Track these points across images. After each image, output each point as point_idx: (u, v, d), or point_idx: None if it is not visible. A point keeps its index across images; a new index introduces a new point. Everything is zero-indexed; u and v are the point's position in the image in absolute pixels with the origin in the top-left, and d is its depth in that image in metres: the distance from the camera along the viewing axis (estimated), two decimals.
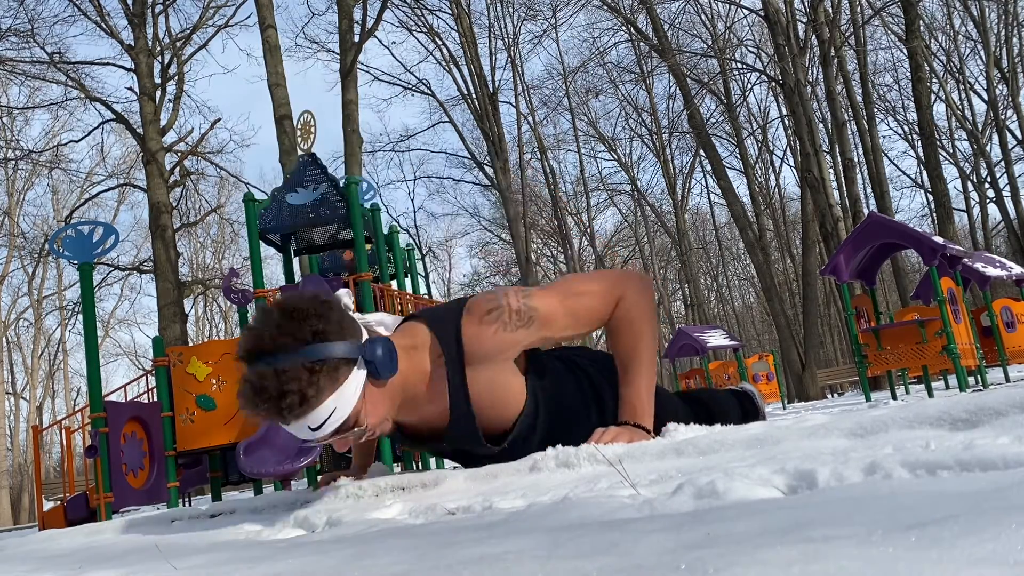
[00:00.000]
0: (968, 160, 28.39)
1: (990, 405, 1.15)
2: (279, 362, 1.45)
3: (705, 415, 2.24)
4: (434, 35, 25.38)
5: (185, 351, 6.67)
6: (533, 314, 1.72)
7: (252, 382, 1.46)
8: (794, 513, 0.75)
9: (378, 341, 1.55)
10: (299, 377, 1.44)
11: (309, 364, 1.46)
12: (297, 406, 1.45)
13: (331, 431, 1.53)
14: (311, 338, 1.47)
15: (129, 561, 1.27)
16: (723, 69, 23.70)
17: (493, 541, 0.86)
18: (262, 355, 1.47)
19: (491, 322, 1.69)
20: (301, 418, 1.48)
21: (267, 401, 1.45)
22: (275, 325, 1.48)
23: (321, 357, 1.47)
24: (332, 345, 1.49)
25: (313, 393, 1.46)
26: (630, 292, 1.80)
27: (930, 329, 6.70)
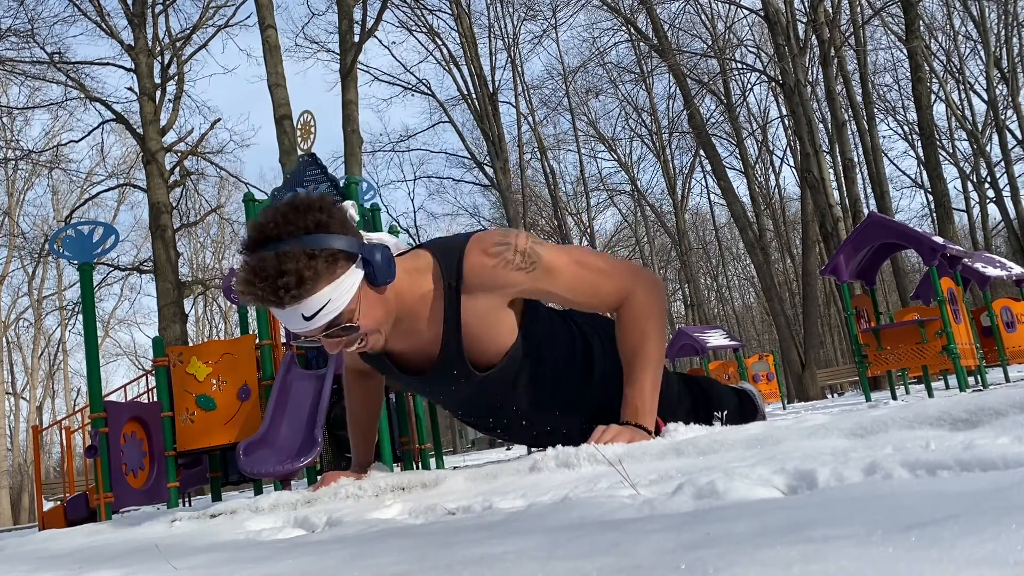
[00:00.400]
0: (968, 160, 28.40)
1: (990, 405, 1.15)
2: (280, 247, 1.47)
3: (702, 398, 2.24)
4: (434, 35, 25.38)
5: (185, 351, 6.67)
6: (537, 261, 1.70)
7: (252, 265, 1.48)
8: (794, 513, 0.75)
9: (378, 246, 1.57)
10: (297, 260, 1.46)
11: (309, 250, 1.48)
12: (293, 287, 1.47)
13: (324, 323, 1.53)
14: (313, 227, 1.50)
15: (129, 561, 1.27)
16: (723, 69, 23.70)
17: (493, 541, 0.86)
18: (265, 242, 1.50)
19: (494, 255, 1.68)
20: (296, 302, 1.49)
21: (264, 281, 1.47)
22: (280, 214, 1.51)
23: (321, 246, 1.49)
24: (332, 237, 1.51)
25: (310, 275, 1.47)
26: (641, 290, 1.79)
27: (930, 329, 6.70)
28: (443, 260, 1.70)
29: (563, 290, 1.74)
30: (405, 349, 1.79)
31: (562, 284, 1.74)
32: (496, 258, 1.68)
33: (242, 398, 6.48)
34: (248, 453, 5.60)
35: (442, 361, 1.76)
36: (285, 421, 6.03)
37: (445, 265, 1.70)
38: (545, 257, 1.71)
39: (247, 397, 6.46)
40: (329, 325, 1.55)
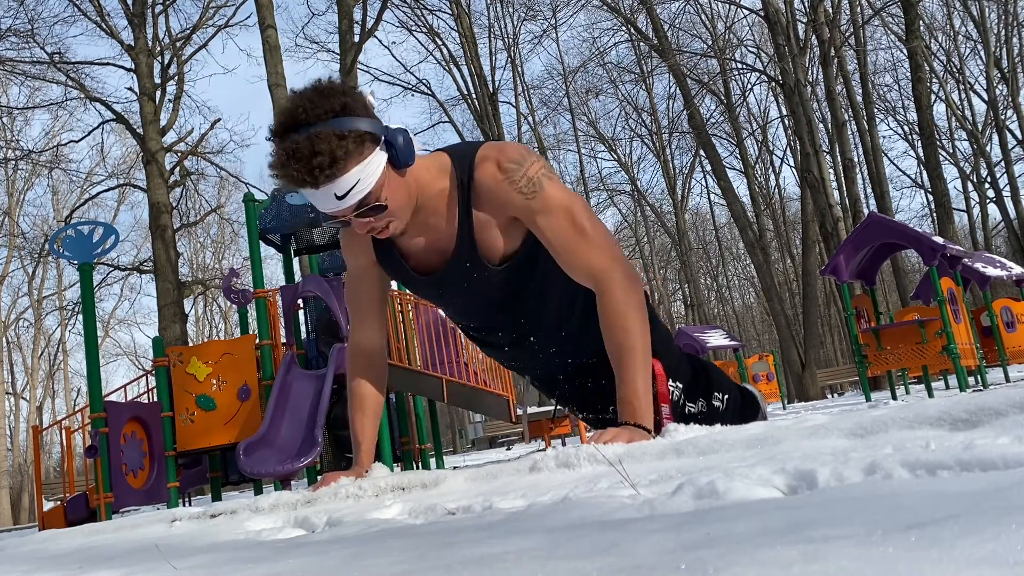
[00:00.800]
0: (968, 160, 28.40)
1: (990, 405, 1.15)
2: (311, 129, 1.56)
3: (703, 373, 2.25)
4: (434, 35, 25.39)
5: (185, 351, 6.67)
6: (537, 192, 1.75)
7: (286, 148, 1.58)
8: (794, 513, 0.75)
9: (399, 130, 1.66)
10: (329, 140, 1.55)
11: (338, 132, 1.57)
12: (327, 167, 1.56)
13: (355, 202, 1.62)
14: (339, 110, 1.59)
15: (129, 561, 1.27)
16: (723, 69, 23.71)
17: (493, 541, 0.86)
18: (296, 126, 1.58)
19: (504, 171, 1.75)
20: (329, 181, 1.58)
21: (299, 162, 1.56)
22: (307, 99, 1.59)
23: (349, 127, 1.58)
24: (358, 119, 1.60)
25: (342, 155, 1.57)
26: (618, 279, 1.78)
27: (930, 329, 6.70)
28: (458, 162, 1.78)
29: (546, 231, 1.77)
30: (420, 245, 1.86)
31: (547, 225, 1.77)
32: (505, 174, 1.75)
33: (242, 398, 6.48)
34: (248, 453, 5.60)
35: (456, 255, 1.83)
36: (285, 421, 6.04)
37: (460, 167, 1.78)
38: (546, 192, 1.75)
39: (247, 397, 6.47)
40: (359, 204, 1.64)
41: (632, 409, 1.75)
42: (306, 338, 7.01)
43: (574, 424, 8.97)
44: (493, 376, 7.33)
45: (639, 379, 1.76)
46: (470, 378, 7.01)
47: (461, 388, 6.86)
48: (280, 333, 6.93)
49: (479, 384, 7.04)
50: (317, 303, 7.00)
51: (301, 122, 1.58)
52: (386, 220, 1.70)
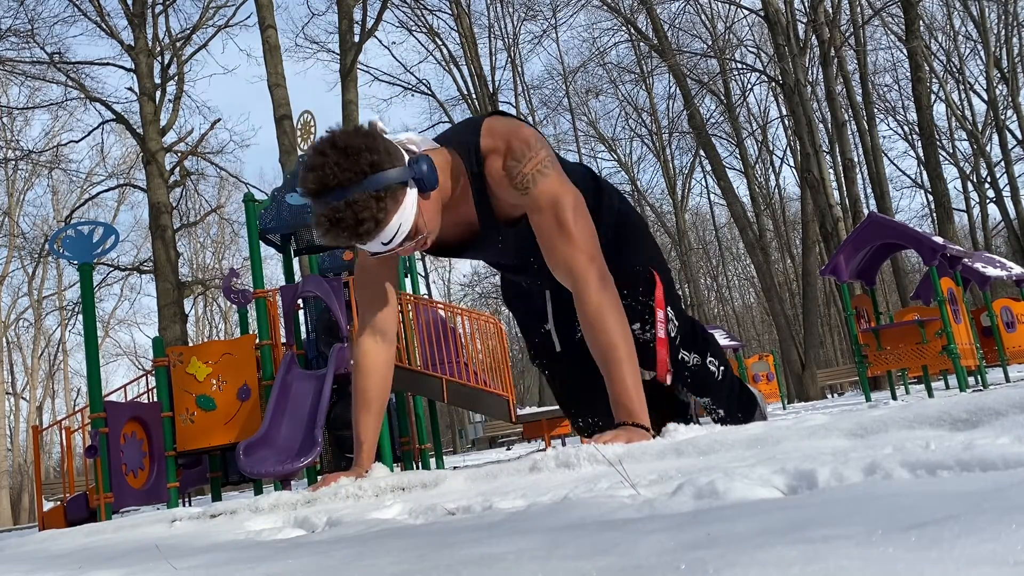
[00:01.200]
0: (968, 160, 28.39)
1: (990, 405, 1.15)
2: (348, 194, 1.67)
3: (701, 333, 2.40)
4: (434, 35, 25.39)
5: (185, 351, 6.67)
6: (530, 188, 1.86)
7: (328, 216, 1.69)
8: (794, 513, 0.75)
9: (421, 159, 1.77)
10: (369, 206, 1.68)
11: (374, 193, 1.68)
12: (373, 229, 1.71)
13: (399, 243, 1.78)
14: (369, 170, 1.69)
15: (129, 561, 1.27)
16: (723, 69, 23.71)
17: (493, 541, 0.86)
18: (331, 191, 1.68)
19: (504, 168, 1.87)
20: (375, 238, 1.73)
21: (346, 230, 1.69)
22: (335, 163, 1.68)
23: (383, 185, 1.69)
24: (388, 173, 1.71)
25: (383, 216, 1.70)
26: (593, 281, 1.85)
27: (930, 329, 6.70)
28: (465, 156, 1.90)
29: (534, 225, 1.90)
30: (450, 231, 2.00)
31: (535, 221, 1.89)
32: (506, 170, 1.87)
33: (242, 398, 6.48)
34: (248, 453, 5.60)
35: (483, 229, 2.00)
36: (285, 421, 6.04)
37: (467, 160, 1.90)
38: (537, 190, 1.86)
39: (247, 397, 6.46)
40: (403, 242, 1.79)
41: (627, 409, 1.78)
42: (306, 338, 7.01)
43: None
44: (493, 376, 7.33)
45: (627, 377, 1.80)
46: (470, 378, 7.01)
47: (461, 388, 6.86)
48: (280, 333, 6.93)
49: (479, 384, 7.04)
50: (317, 303, 7.00)
51: (334, 187, 1.67)
52: (424, 240, 1.84)
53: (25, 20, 19.00)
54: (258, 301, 6.60)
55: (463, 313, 7.60)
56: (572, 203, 1.87)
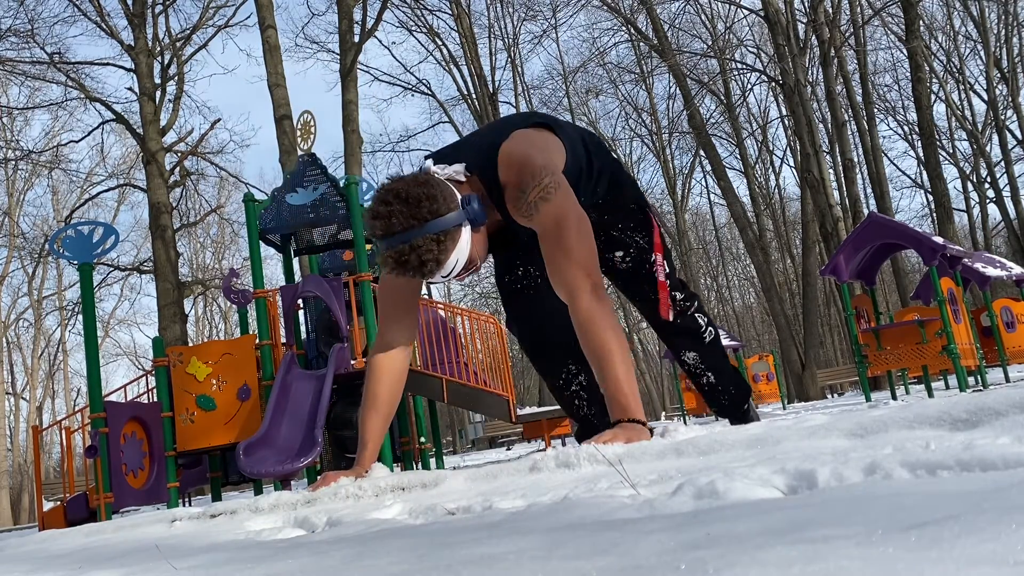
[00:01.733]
0: (968, 160, 28.39)
1: (990, 405, 1.15)
2: (410, 238, 1.89)
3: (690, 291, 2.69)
4: (434, 35, 25.39)
5: (185, 351, 6.67)
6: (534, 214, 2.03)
7: (395, 258, 1.91)
8: (794, 513, 0.75)
9: (472, 199, 1.99)
10: (431, 249, 1.90)
11: (434, 236, 1.90)
12: (436, 269, 1.93)
13: (456, 274, 2.01)
14: (430, 216, 1.90)
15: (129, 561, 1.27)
16: (723, 69, 23.70)
17: (493, 541, 0.86)
18: (396, 235, 1.90)
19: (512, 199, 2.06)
20: (436, 274, 1.95)
21: (412, 270, 1.92)
22: (399, 211, 1.89)
23: (442, 229, 1.91)
24: (446, 218, 1.92)
25: (444, 257, 1.93)
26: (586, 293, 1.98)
27: (930, 329, 6.70)
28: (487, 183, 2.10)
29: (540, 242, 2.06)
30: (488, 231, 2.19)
31: (540, 239, 2.06)
32: (514, 201, 2.05)
33: (242, 398, 6.48)
34: (248, 453, 5.60)
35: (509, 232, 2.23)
36: (285, 421, 6.03)
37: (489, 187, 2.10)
38: (540, 215, 2.02)
39: (247, 397, 6.46)
40: (459, 273, 2.01)
41: (622, 407, 1.89)
42: (306, 338, 7.01)
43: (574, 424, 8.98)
44: (493, 376, 7.33)
45: (622, 377, 1.91)
46: (470, 378, 7.01)
47: (461, 388, 6.87)
48: (280, 333, 6.93)
49: (479, 384, 7.04)
50: (317, 303, 7.00)
51: (399, 231, 1.89)
52: (476, 267, 2.07)
53: (25, 20, 19.00)
54: (258, 301, 6.61)
55: (463, 313, 7.60)
56: (573, 224, 2.01)
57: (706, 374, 2.71)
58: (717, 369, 2.72)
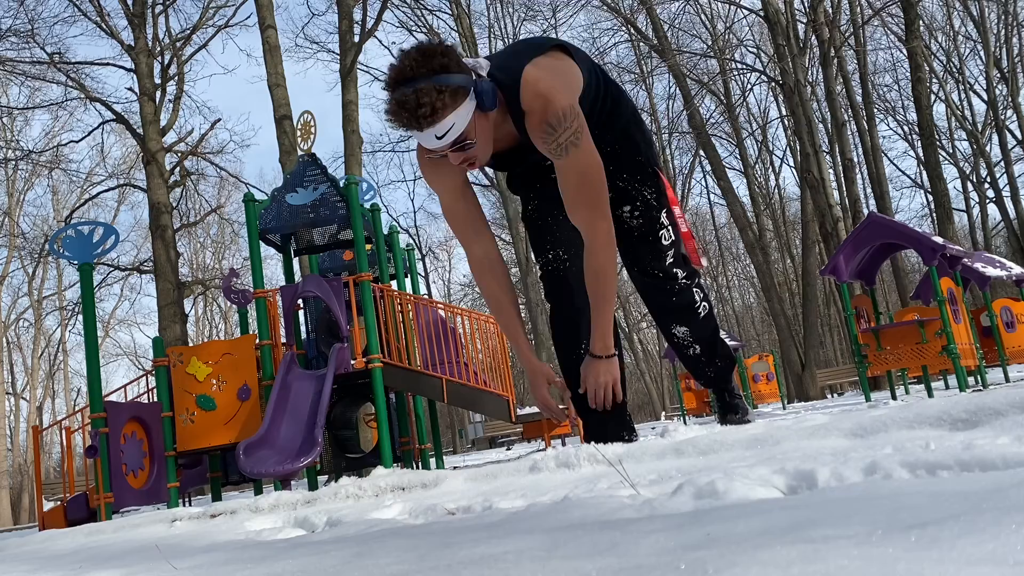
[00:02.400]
0: (968, 160, 28.38)
1: (990, 405, 1.15)
2: (416, 85, 1.97)
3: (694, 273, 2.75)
4: (434, 35, 25.36)
5: (185, 351, 6.67)
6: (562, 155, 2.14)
7: (397, 100, 1.99)
8: (794, 513, 0.75)
9: (486, 82, 2.08)
10: (430, 96, 1.97)
11: (438, 87, 1.98)
12: (428, 115, 1.98)
13: (450, 141, 2.04)
14: (439, 69, 1.99)
15: (129, 561, 1.27)
16: (723, 69, 23.69)
17: (493, 541, 0.86)
18: (404, 82, 1.99)
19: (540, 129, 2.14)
20: (430, 126, 2.00)
21: (407, 111, 1.98)
22: (413, 59, 2.00)
23: (446, 84, 1.99)
24: (453, 76, 2.01)
25: (440, 106, 1.98)
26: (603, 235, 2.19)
27: (930, 329, 6.69)
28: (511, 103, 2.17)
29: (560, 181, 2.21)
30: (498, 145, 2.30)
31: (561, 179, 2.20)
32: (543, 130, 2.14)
33: (242, 398, 6.48)
34: (248, 453, 5.60)
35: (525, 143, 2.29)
36: (285, 421, 6.03)
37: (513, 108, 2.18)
38: (568, 157, 2.15)
39: (247, 397, 6.46)
40: (454, 143, 2.05)
41: (604, 344, 2.28)
42: (306, 338, 7.01)
43: (574, 424, 8.98)
44: (493, 376, 7.33)
45: (608, 319, 2.26)
46: (470, 378, 7.01)
47: (461, 388, 6.86)
48: (280, 333, 6.93)
49: (479, 384, 7.04)
50: (317, 303, 6.99)
51: (408, 78, 1.98)
52: (474, 154, 2.12)
53: (25, 20, 19.01)
54: (258, 301, 6.60)
55: (463, 313, 7.59)
56: (596, 173, 2.18)
57: (694, 346, 2.78)
58: (706, 341, 2.78)
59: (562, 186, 2.22)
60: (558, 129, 2.13)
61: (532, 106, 2.15)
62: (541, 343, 23.89)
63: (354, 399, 7.13)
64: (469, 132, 2.06)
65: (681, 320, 2.72)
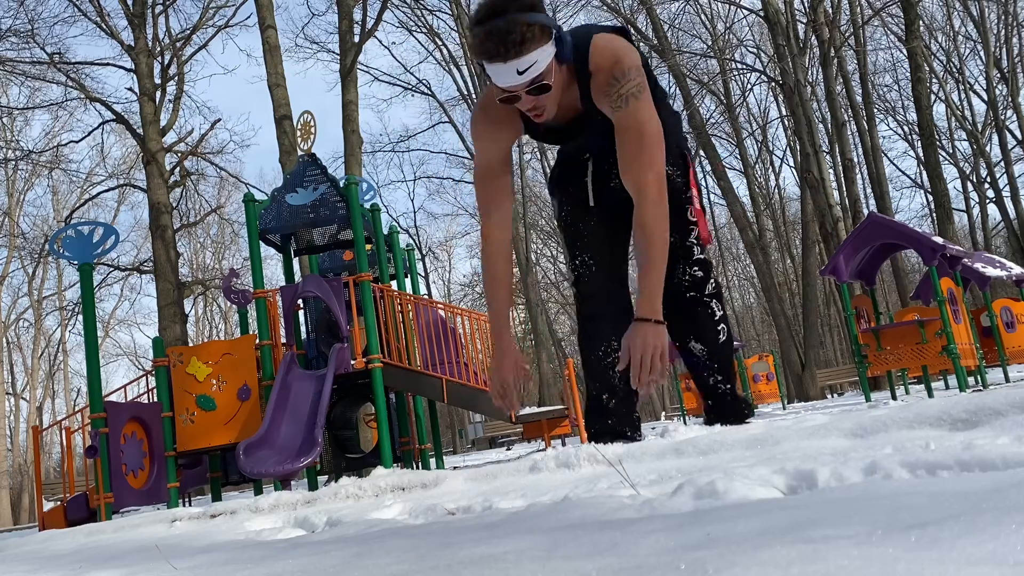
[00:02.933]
0: (968, 160, 28.38)
1: (990, 405, 1.15)
2: (508, 15, 2.04)
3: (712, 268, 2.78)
4: (434, 35, 25.39)
5: (185, 351, 6.67)
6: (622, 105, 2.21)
7: (487, 29, 2.05)
8: (794, 513, 0.75)
9: (565, 31, 2.18)
10: (521, 27, 2.04)
11: (527, 20, 2.06)
12: (516, 44, 2.04)
13: (529, 79, 2.09)
14: (529, 8, 2.08)
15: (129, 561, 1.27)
16: (723, 69, 23.69)
17: (493, 541, 0.86)
18: (494, 14, 2.05)
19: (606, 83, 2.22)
20: (516, 57, 2.05)
21: (496, 40, 2.03)
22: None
23: (536, 21, 2.07)
24: (542, 15, 2.11)
25: (528, 38, 2.05)
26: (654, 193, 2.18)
27: (930, 329, 6.69)
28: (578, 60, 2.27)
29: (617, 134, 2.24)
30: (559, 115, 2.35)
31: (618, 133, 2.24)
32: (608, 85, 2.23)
33: (242, 398, 6.48)
34: (248, 453, 5.60)
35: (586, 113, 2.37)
36: (285, 421, 6.03)
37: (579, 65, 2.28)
38: (628, 109, 2.21)
39: (247, 397, 6.46)
40: (532, 81, 2.10)
41: (651, 307, 2.18)
42: (306, 338, 7.01)
43: (574, 424, 8.97)
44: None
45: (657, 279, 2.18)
46: (470, 378, 7.01)
47: (461, 388, 6.86)
48: (280, 333, 6.93)
49: (479, 384, 7.04)
50: (317, 303, 6.99)
51: (499, 12, 2.05)
52: (544, 102, 2.16)
53: (25, 20, 19.01)
54: (258, 301, 6.60)
55: (463, 313, 7.59)
56: (654, 129, 2.21)
57: (714, 375, 2.73)
58: (726, 373, 2.75)
59: (619, 141, 2.25)
60: (622, 80, 2.22)
61: (600, 63, 2.24)
62: (541, 343, 23.87)
63: (354, 399, 7.13)
64: (547, 74, 2.12)
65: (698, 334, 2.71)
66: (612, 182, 2.63)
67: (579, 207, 2.71)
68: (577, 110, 2.39)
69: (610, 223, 2.72)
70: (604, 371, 2.64)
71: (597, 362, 2.64)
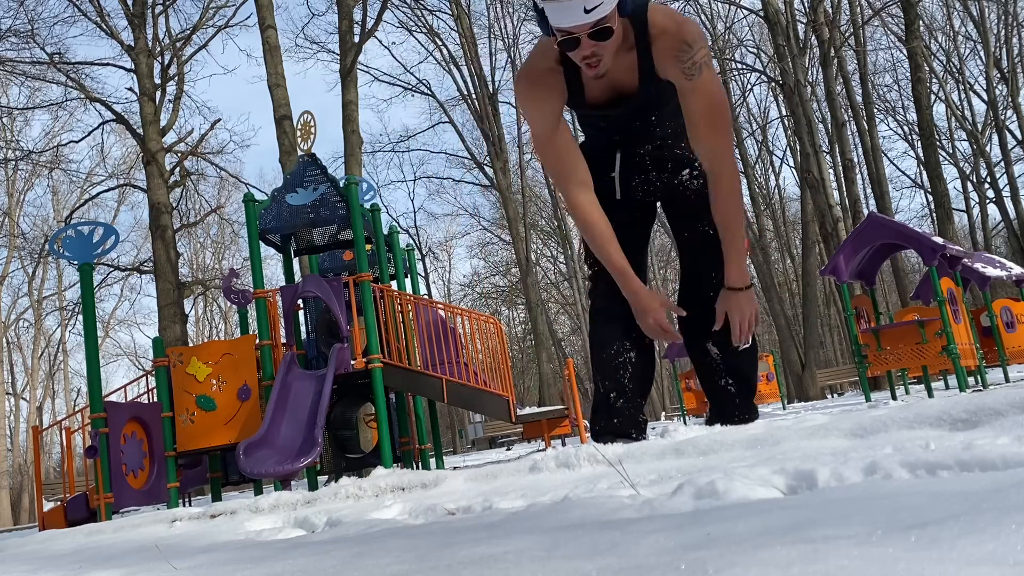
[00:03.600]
0: (968, 160, 28.38)
1: (990, 405, 1.15)
2: None
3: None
4: (434, 35, 25.38)
5: (185, 351, 6.67)
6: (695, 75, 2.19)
7: None
8: (794, 513, 0.75)
9: None
10: None
11: None
12: None
13: (595, 19, 2.05)
14: None
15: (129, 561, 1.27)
16: (723, 69, 23.68)
17: (493, 541, 0.86)
18: None
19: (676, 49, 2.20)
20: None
21: None
22: None
23: None
24: None
25: None
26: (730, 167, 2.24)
27: (930, 329, 6.69)
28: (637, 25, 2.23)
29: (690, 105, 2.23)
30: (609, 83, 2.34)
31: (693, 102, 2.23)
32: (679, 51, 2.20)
33: (242, 398, 6.48)
34: (248, 453, 5.60)
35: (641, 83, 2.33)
36: (285, 421, 6.03)
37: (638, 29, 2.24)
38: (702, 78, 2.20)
39: (247, 397, 6.46)
40: (596, 23, 2.07)
41: (741, 275, 2.34)
42: (306, 338, 7.01)
43: (574, 424, 8.98)
44: (493, 376, 7.33)
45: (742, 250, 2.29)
46: (470, 378, 7.01)
47: (461, 388, 6.86)
48: (280, 333, 6.93)
49: (479, 384, 7.03)
50: (317, 303, 6.99)
51: None
52: (603, 50, 2.13)
53: (25, 20, 19.00)
54: (258, 301, 6.60)
55: (463, 313, 7.59)
56: (724, 99, 2.25)
57: (725, 377, 2.67)
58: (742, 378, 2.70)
59: (689, 110, 2.25)
60: (694, 46, 2.19)
61: (666, 27, 2.21)
62: (541, 343, 23.87)
63: (354, 399, 7.13)
64: (612, 17, 2.09)
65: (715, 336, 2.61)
66: (640, 175, 2.63)
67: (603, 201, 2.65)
68: (621, 78, 2.33)
69: (632, 216, 2.73)
70: (615, 370, 2.59)
71: (609, 360, 2.59)
